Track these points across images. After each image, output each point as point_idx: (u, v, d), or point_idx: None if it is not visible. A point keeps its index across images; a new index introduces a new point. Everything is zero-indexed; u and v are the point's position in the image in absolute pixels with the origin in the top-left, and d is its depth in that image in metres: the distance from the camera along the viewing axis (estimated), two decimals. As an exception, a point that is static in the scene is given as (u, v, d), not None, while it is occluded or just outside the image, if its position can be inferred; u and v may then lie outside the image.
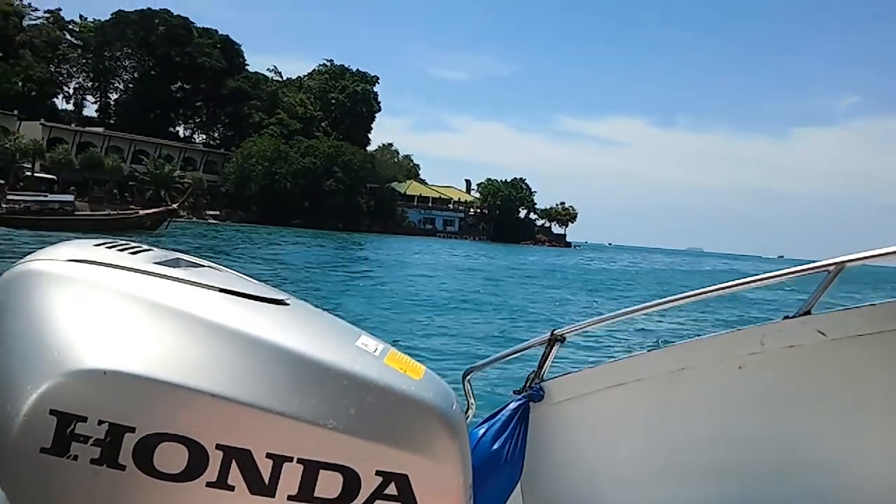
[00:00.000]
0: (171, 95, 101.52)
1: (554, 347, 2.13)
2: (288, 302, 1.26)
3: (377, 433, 1.13)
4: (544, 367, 2.15)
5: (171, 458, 1.06)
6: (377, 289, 23.09)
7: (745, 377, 2.15)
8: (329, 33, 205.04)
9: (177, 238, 41.30)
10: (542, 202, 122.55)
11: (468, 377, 2.08)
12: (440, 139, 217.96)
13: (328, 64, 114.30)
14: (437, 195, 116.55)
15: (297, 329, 1.20)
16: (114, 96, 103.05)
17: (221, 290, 1.20)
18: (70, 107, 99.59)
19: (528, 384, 2.16)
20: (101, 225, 42.76)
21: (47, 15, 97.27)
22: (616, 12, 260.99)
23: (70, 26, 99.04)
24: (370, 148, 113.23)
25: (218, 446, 1.07)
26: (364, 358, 1.19)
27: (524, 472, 2.06)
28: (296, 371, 1.12)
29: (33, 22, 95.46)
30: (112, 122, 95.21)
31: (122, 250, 1.26)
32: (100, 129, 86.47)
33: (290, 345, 1.14)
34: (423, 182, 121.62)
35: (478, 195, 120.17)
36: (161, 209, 48.85)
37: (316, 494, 1.11)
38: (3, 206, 44.18)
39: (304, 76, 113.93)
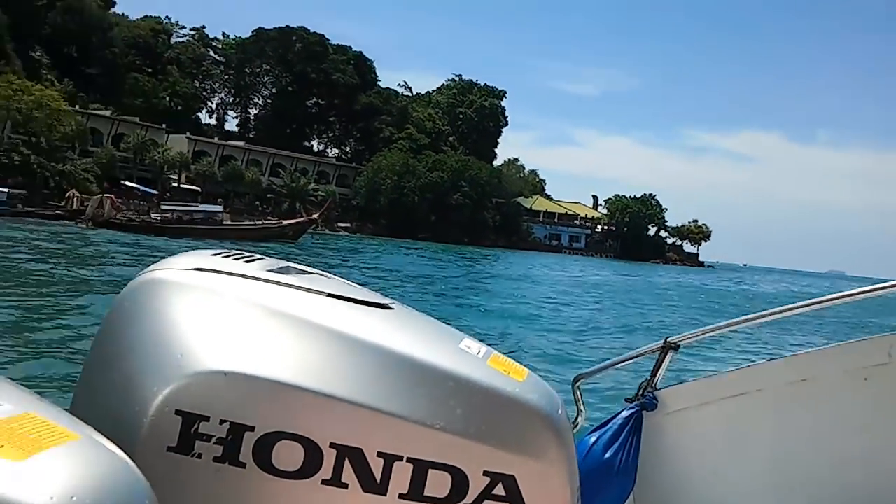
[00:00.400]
0: (306, 111, 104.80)
1: (667, 356, 2.08)
2: (392, 306, 1.29)
3: (484, 434, 1.14)
4: (657, 375, 2.10)
5: (289, 456, 1.11)
6: (506, 301, 22.48)
7: (871, 390, 2.07)
8: (457, 49, 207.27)
9: (315, 248, 42.08)
10: (670, 219, 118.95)
11: (578, 384, 2.06)
12: (564, 154, 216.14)
13: (456, 79, 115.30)
14: (563, 210, 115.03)
15: (403, 332, 1.23)
16: (253, 111, 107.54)
17: (330, 296, 1.24)
18: (213, 121, 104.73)
19: (640, 392, 2.11)
20: (246, 234, 44.19)
21: (193, 32, 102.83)
22: (747, 23, 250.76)
23: (213, 43, 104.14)
24: (496, 162, 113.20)
25: (331, 445, 1.11)
26: (468, 360, 1.21)
27: (637, 483, 2.02)
28: (403, 372, 1.15)
29: (180, 39, 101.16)
30: (251, 136, 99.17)
31: (237, 259, 1.29)
32: (241, 143, 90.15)
33: (397, 347, 1.17)
34: (548, 197, 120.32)
35: (605, 211, 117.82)
36: (303, 219, 50.09)
37: (426, 493, 1.13)
38: (157, 215, 46.43)
39: (433, 91, 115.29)
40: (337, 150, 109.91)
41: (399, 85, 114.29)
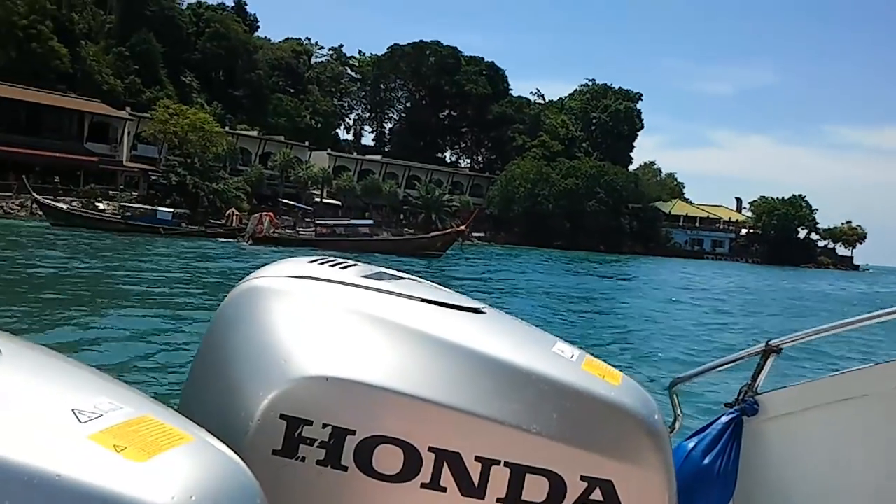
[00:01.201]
0: (439, 122, 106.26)
1: (769, 359, 2.03)
2: (484, 310, 1.30)
3: (579, 438, 1.14)
4: (758, 379, 2.04)
5: (389, 459, 1.12)
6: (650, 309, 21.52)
7: None
8: (587, 54, 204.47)
9: (463, 258, 42.27)
10: (821, 221, 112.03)
11: (675, 388, 2.01)
12: (701, 155, 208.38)
13: (589, 84, 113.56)
14: (704, 214, 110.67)
15: (497, 336, 1.24)
16: (388, 125, 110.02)
17: (424, 300, 1.26)
18: (350, 136, 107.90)
19: (741, 397, 2.04)
20: (396, 246, 45.11)
21: (331, 52, 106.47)
22: (889, 14, 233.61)
23: (351, 62, 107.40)
24: (632, 167, 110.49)
25: (430, 449, 1.12)
26: (562, 363, 1.21)
27: (737, 490, 1.98)
28: (497, 376, 1.15)
29: (319, 59, 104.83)
30: (386, 149, 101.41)
31: (333, 265, 1.34)
32: (378, 157, 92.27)
33: (492, 351, 1.17)
34: (688, 201, 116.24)
35: (750, 214, 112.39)
36: (450, 231, 50.51)
37: (524, 498, 1.13)
38: (312, 230, 48.12)
39: (566, 97, 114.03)
40: (469, 161, 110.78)
41: (531, 93, 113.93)
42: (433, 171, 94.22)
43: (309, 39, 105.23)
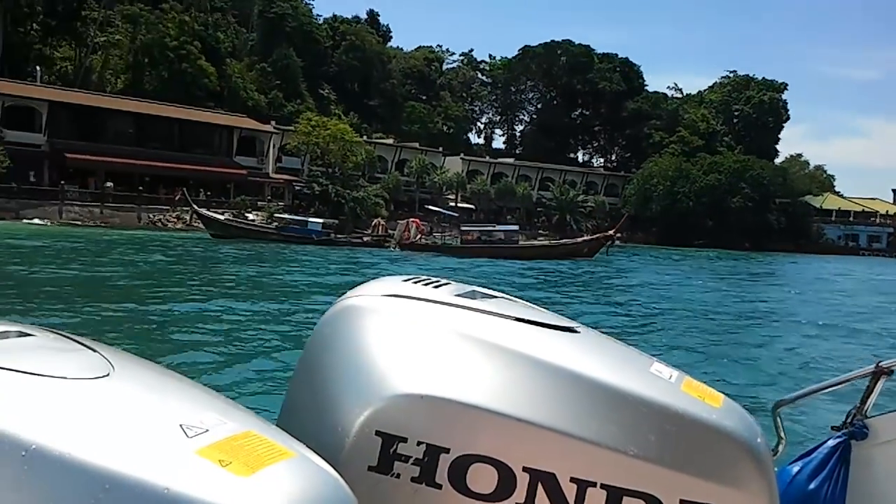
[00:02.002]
0: (571, 122, 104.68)
1: (879, 381, 1.92)
2: (578, 329, 1.29)
3: (678, 461, 1.12)
4: (868, 402, 1.93)
5: (483, 478, 1.12)
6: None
7: None
8: (725, 45, 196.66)
9: (617, 261, 41.01)
10: None
11: (779, 410, 1.90)
12: (849, 146, 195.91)
13: (730, 75, 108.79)
14: (858, 208, 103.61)
15: (592, 355, 1.23)
16: (518, 128, 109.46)
17: (517, 319, 1.25)
18: (481, 140, 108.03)
19: (849, 420, 1.94)
20: (543, 252, 44.31)
21: (462, 57, 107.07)
22: None
23: (481, 66, 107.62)
24: (777, 160, 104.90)
25: (524, 469, 1.11)
26: (660, 384, 1.19)
27: None
28: (592, 397, 1.14)
29: (450, 65, 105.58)
30: (517, 152, 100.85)
31: (426, 284, 1.35)
32: (511, 160, 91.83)
33: (587, 371, 1.16)
34: (839, 194, 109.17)
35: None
36: (599, 236, 49.03)
37: None
38: (457, 236, 47.90)
39: (705, 90, 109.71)
40: (602, 160, 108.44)
41: (668, 88, 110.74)
42: (566, 172, 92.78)
43: (440, 46, 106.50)
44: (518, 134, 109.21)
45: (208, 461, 0.80)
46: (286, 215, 53.04)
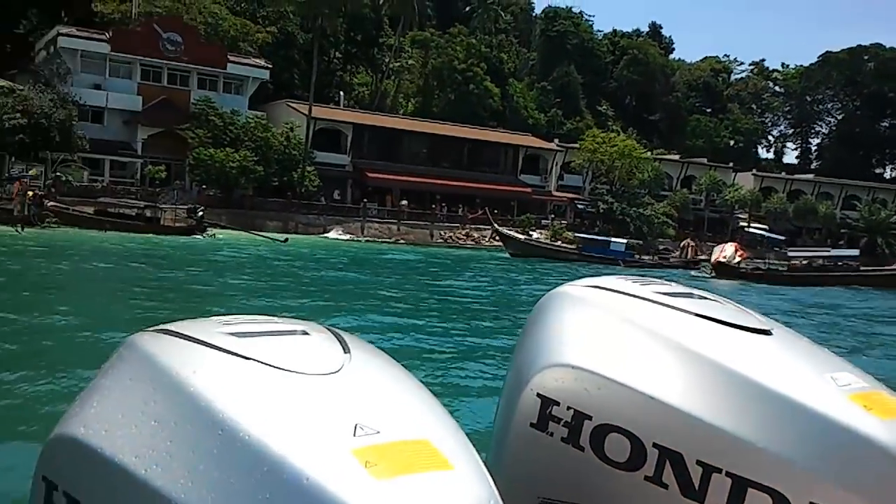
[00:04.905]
0: (878, 134, 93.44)
1: None
2: (772, 332, 1.27)
3: (819, 466, 1.07)
4: None
5: (617, 447, 1.18)
6: None
7: None
8: None
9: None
10: None
11: None
12: None
13: None
14: None
15: (747, 352, 1.21)
16: (815, 140, 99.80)
17: (698, 315, 1.27)
18: (770, 155, 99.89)
19: None
20: (888, 281, 38.51)
21: (752, 67, 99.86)
22: None
23: (773, 75, 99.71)
24: None
25: (654, 445, 1.16)
26: (825, 389, 1.13)
27: None
28: (735, 387, 1.14)
29: (739, 76, 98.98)
30: (812, 166, 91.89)
31: (634, 282, 1.39)
32: (810, 176, 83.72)
33: (731, 365, 1.17)
34: None
35: None
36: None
37: None
38: (784, 262, 43.30)
39: None
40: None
41: None
42: (876, 190, 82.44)
43: (728, 56, 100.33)
44: (814, 147, 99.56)
45: (357, 461, 0.80)
46: (582, 234, 51.72)
